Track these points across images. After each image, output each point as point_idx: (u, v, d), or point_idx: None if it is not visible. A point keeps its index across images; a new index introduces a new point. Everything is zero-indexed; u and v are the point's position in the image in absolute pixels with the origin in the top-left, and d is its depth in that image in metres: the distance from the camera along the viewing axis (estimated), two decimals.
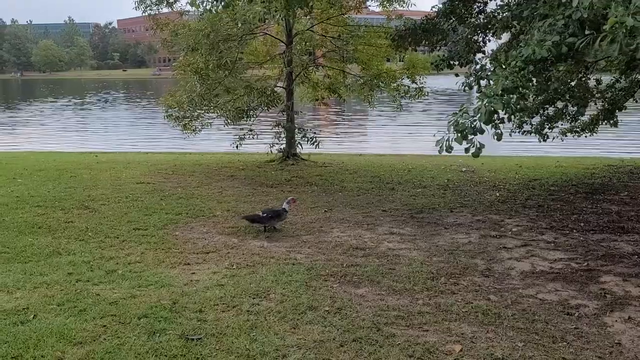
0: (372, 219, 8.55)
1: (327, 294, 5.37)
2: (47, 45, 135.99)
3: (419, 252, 6.90)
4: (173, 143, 20.58)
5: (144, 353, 3.91)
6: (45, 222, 8.12)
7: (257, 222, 7.83)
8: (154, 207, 9.18)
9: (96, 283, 5.57)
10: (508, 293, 5.53)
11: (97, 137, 27.29)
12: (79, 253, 6.66)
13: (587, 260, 6.53)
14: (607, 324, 4.82)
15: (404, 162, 14.56)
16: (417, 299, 5.33)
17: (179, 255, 6.67)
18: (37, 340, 4.07)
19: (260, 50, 14.98)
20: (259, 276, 5.86)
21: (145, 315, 4.66)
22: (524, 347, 4.26)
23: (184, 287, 5.50)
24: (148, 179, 11.83)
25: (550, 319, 4.86)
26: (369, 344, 4.25)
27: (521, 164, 14.18)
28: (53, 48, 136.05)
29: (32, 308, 4.77)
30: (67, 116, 39.69)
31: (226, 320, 4.63)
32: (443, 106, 35.83)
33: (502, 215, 8.76)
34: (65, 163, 14.38)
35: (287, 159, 13.95)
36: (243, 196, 10.17)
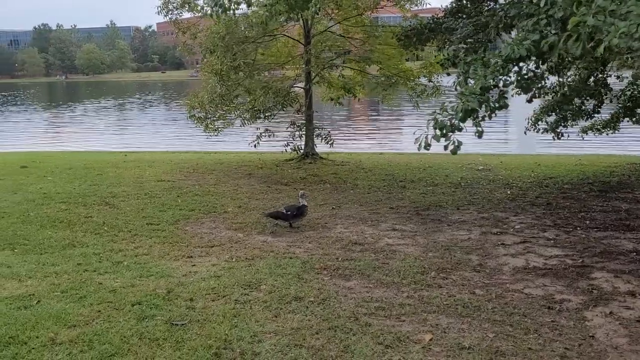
0: (377, 216, 8.72)
1: (315, 285, 5.59)
2: (90, 48, 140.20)
3: (415, 247, 7.05)
4: (203, 142, 21.06)
5: (129, 336, 4.22)
6: (66, 217, 8.57)
7: (281, 219, 8.08)
8: (170, 203, 9.57)
9: (101, 273, 5.93)
10: (495, 287, 5.64)
11: (131, 137, 28.14)
12: (91, 245, 7.07)
13: (582, 257, 6.56)
14: (587, 318, 4.89)
15: (421, 161, 14.62)
16: (402, 291, 5.50)
17: (184, 248, 6.99)
18: (35, 322, 4.44)
19: (282, 52, 15.25)
20: (254, 269, 6.12)
21: (139, 302, 4.98)
22: (494, 338, 4.39)
23: (181, 277, 5.81)
24: (169, 177, 12.27)
25: (529, 312, 4.96)
26: (343, 332, 4.45)
27: (540, 162, 14.07)
28: (96, 51, 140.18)
29: (38, 294, 5.15)
30: (106, 117, 41.04)
31: (213, 308, 4.91)
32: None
33: (508, 213, 8.79)
34: (94, 162, 15.00)
35: (305, 157, 14.22)
36: (256, 193, 10.48)
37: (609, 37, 3.56)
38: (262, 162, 14.58)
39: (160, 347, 4.06)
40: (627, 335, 4.52)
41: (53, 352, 3.95)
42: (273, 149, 15.65)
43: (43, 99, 69.04)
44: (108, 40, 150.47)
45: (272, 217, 8.16)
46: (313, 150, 14.46)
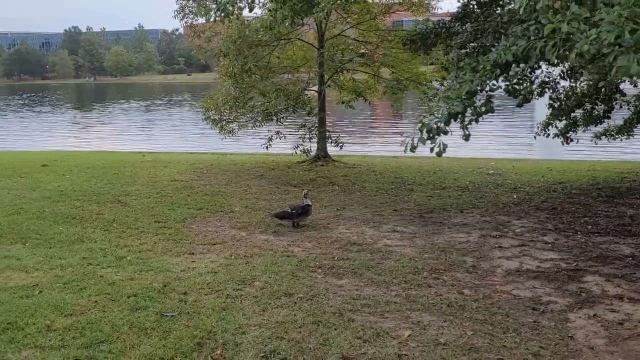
0: (380, 218, 8.84)
1: (307, 283, 5.75)
2: (118, 51, 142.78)
3: (413, 249, 7.16)
4: (222, 144, 21.27)
5: (120, 325, 4.44)
6: (79, 214, 8.89)
7: (287, 219, 8.28)
8: (179, 202, 9.83)
9: (104, 267, 6.19)
10: (484, 288, 5.73)
11: (153, 138, 28.73)
12: (99, 241, 7.34)
13: (577, 261, 6.59)
14: (570, 319, 4.95)
15: (434, 165, 14.67)
16: (391, 290, 5.62)
17: (187, 245, 7.22)
18: (34, 310, 4.69)
19: (298, 55, 15.46)
20: (251, 266, 6.31)
21: (135, 294, 5.21)
22: (472, 336, 4.49)
23: (180, 272, 6.03)
24: (182, 177, 12.57)
25: (512, 313, 5.04)
26: (325, 326, 4.61)
27: (553, 167, 14.00)
28: (123, 54, 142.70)
29: (41, 285, 5.42)
30: (130, 118, 41.88)
31: (204, 301, 5.11)
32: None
33: (510, 217, 8.83)
34: (113, 161, 15.41)
35: (317, 160, 14.40)
36: (265, 194, 10.69)
37: (580, 44, 3.65)
38: (275, 163, 14.81)
39: (147, 336, 4.27)
40: (606, 336, 4.58)
41: (47, 338, 4.19)
42: (287, 150, 15.86)
43: (71, 100, 70.64)
44: (136, 43, 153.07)
45: (277, 218, 8.35)
46: (325, 152, 14.63)
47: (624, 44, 3.42)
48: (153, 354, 3.96)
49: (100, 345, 4.07)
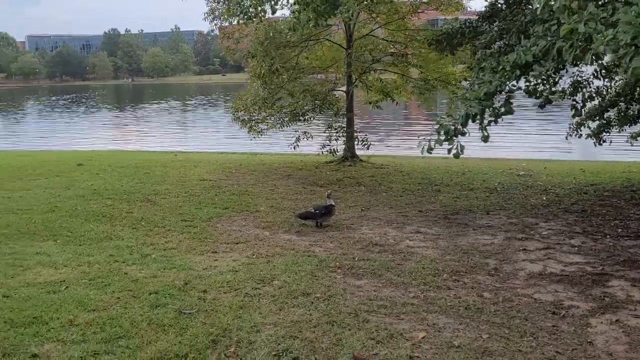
0: (404, 219, 8.81)
1: (326, 283, 5.79)
2: (155, 52, 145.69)
3: (435, 250, 7.12)
4: (253, 144, 21.40)
5: (139, 321, 4.57)
6: (109, 212, 9.13)
7: (310, 219, 8.35)
8: (207, 201, 10.00)
9: (129, 264, 6.36)
10: (504, 291, 5.66)
11: (186, 138, 29.22)
12: (126, 239, 7.54)
13: (603, 265, 6.45)
14: (591, 324, 4.86)
15: (463, 166, 14.49)
16: (409, 291, 5.61)
17: (210, 244, 7.35)
18: (59, 305, 4.87)
19: (327, 56, 15.49)
20: (271, 265, 6.38)
21: (156, 291, 5.34)
22: (487, 339, 4.46)
23: (201, 271, 6.15)
24: (211, 176, 12.76)
25: (531, 317, 4.97)
26: (340, 326, 4.64)
27: (586, 168, 13.67)
28: (160, 55, 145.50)
29: (68, 281, 5.61)
30: (165, 118, 42.67)
31: (223, 300, 5.20)
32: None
33: (538, 219, 8.68)
34: (145, 161, 15.76)
35: (345, 160, 14.42)
36: (291, 194, 10.76)
37: (595, 45, 3.58)
38: (303, 164, 14.89)
39: (164, 332, 4.38)
40: (627, 342, 4.48)
41: (69, 332, 4.34)
42: (317, 150, 15.90)
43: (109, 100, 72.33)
44: (172, 44, 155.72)
45: (301, 218, 8.42)
46: (353, 153, 14.64)
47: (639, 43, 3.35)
48: (168, 350, 4.06)
49: (118, 341, 4.20)
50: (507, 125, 27.34)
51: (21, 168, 14.29)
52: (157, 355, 3.97)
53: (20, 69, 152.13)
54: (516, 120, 30.16)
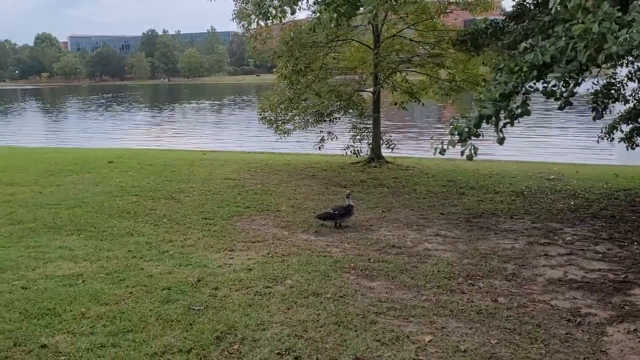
0: (425, 221, 8.71)
1: (338, 283, 5.77)
2: (191, 53, 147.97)
3: (453, 253, 7.01)
4: (282, 144, 21.45)
5: (148, 316, 4.64)
6: (134, 209, 9.30)
7: (329, 219, 8.36)
8: (229, 200, 10.08)
9: (147, 260, 6.46)
10: (520, 297, 5.54)
11: (217, 137, 29.53)
12: (147, 235, 7.66)
13: (627, 273, 6.25)
14: (607, 333, 4.71)
15: (491, 168, 14.27)
16: (422, 294, 5.54)
17: (228, 242, 7.41)
18: (73, 298, 4.98)
19: (355, 56, 15.44)
20: (286, 264, 6.39)
21: (169, 287, 5.42)
22: (496, 344, 4.37)
23: (216, 268, 6.20)
24: (236, 175, 12.87)
25: (545, 323, 4.85)
26: (346, 327, 4.61)
27: (621, 173, 13.28)
28: (196, 55, 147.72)
29: (85, 275, 5.74)
30: (198, 117, 43.28)
31: (233, 297, 5.23)
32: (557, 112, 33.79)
33: (563, 224, 8.47)
34: (174, 159, 16.00)
35: (371, 161, 14.35)
36: (313, 194, 10.77)
37: (608, 45, 3.47)
38: (329, 164, 14.89)
39: (171, 328, 4.44)
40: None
41: (80, 324, 4.44)
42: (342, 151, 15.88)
43: (146, 100, 73.71)
44: (208, 45, 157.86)
45: (320, 219, 8.42)
46: (379, 154, 14.56)
47: None
48: (173, 345, 4.11)
49: (126, 334, 4.27)
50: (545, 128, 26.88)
51: (55, 164, 14.68)
52: (161, 350, 4.02)
53: (61, 69, 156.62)
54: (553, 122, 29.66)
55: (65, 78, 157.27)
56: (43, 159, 16.04)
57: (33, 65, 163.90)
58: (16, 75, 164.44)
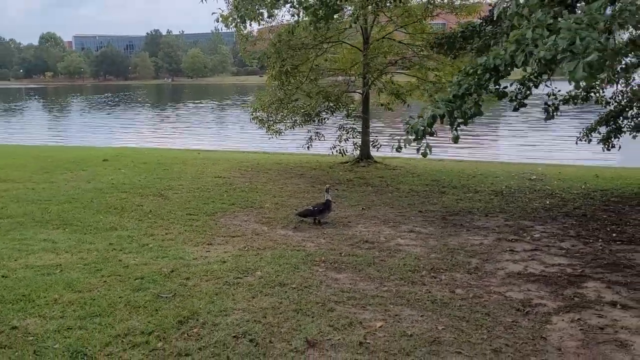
0: (402, 218, 8.99)
1: (305, 275, 6.05)
2: (195, 53, 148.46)
3: (422, 248, 7.29)
4: (280, 143, 21.52)
5: (117, 302, 4.93)
6: (121, 205, 9.60)
7: (309, 216, 8.65)
8: (215, 197, 10.38)
9: (126, 252, 6.75)
10: (477, 289, 5.81)
11: (215, 136, 29.85)
12: (130, 229, 7.96)
13: (585, 267, 6.51)
14: (552, 321, 4.98)
15: (476, 169, 14.53)
16: (384, 285, 5.82)
17: (208, 237, 7.69)
18: (48, 286, 5.28)
19: (347, 58, 15.71)
20: (259, 257, 6.68)
21: (142, 277, 5.71)
22: (442, 330, 4.64)
23: (191, 260, 6.49)
24: (226, 174, 13.17)
25: (494, 312, 5.12)
26: (304, 314, 4.89)
27: (602, 174, 13.53)
28: (200, 56, 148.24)
29: (64, 265, 6.04)
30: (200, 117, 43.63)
31: (202, 286, 5.52)
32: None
33: (535, 222, 8.74)
34: (168, 158, 16.31)
35: (360, 161, 14.63)
36: (298, 192, 11.05)
37: (538, 50, 3.74)
38: (319, 164, 15.17)
39: (137, 313, 4.73)
40: (581, 340, 4.59)
41: (51, 309, 4.74)
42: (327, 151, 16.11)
43: (147, 99, 74.11)
44: (212, 45, 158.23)
45: (300, 216, 8.70)
46: (368, 154, 14.83)
47: (575, 50, 3.49)
48: (136, 328, 4.40)
49: (94, 318, 4.56)
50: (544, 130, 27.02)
51: (51, 162, 15.00)
52: (124, 332, 4.31)
53: (66, 68, 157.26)
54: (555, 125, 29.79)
55: (69, 77, 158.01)
56: (41, 157, 16.37)
57: (37, 64, 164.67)
58: (20, 74, 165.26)
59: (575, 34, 3.50)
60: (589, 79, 3.40)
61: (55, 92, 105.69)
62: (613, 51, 3.42)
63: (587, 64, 3.37)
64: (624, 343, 4.51)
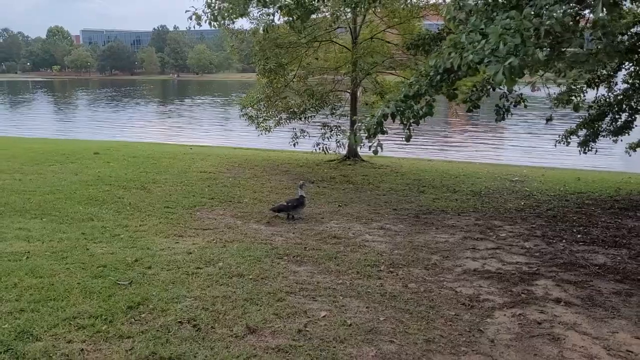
0: (375, 216, 9.16)
1: (266, 267, 6.23)
2: (201, 49, 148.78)
3: (387, 245, 7.46)
4: (279, 141, 21.46)
5: (73, 288, 5.13)
6: (103, 197, 9.80)
7: (283, 211, 8.84)
8: (196, 191, 10.57)
9: (96, 242, 6.95)
10: (430, 284, 5.98)
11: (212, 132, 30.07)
12: (106, 220, 8.16)
13: (541, 266, 6.67)
14: (493, 315, 5.14)
15: (462, 169, 14.69)
16: (340, 279, 5.99)
17: (180, 229, 7.89)
18: (11, 271, 5.47)
19: (340, 57, 15.87)
20: (225, 250, 6.86)
21: (105, 265, 5.90)
22: (383, 321, 4.82)
23: (158, 251, 6.68)
24: (212, 169, 13.37)
25: (439, 306, 5.30)
26: (253, 303, 5.08)
27: (584, 177, 13.66)
28: (206, 52, 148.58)
29: (32, 252, 6.24)
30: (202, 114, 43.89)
31: (161, 275, 5.71)
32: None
33: (505, 222, 8.90)
34: (158, 152, 16.52)
35: (346, 159, 14.80)
36: (279, 188, 11.25)
37: (467, 54, 3.91)
38: (306, 161, 15.37)
39: (91, 298, 4.92)
40: (516, 333, 4.76)
41: (9, 293, 4.93)
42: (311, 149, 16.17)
43: (153, 95, 74.45)
44: (218, 42, 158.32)
45: (275, 211, 8.89)
46: (355, 153, 15.00)
47: (499, 54, 3.65)
48: (86, 312, 4.59)
49: (48, 302, 4.76)
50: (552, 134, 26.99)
51: (43, 154, 15.23)
52: (74, 315, 4.50)
53: (73, 62, 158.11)
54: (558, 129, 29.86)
55: (76, 71, 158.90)
56: (33, 149, 16.61)
57: (45, 57, 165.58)
58: (28, 68, 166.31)
59: (500, 39, 3.67)
60: (509, 83, 3.56)
61: (62, 85, 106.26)
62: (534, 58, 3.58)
63: (507, 68, 3.54)
64: (556, 337, 4.68)
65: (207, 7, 7.92)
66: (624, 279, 6.22)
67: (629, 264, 6.80)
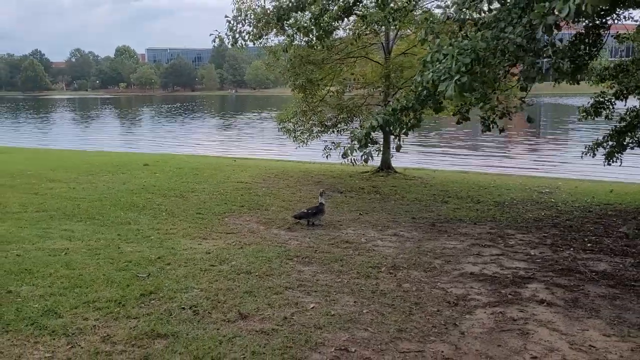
0: (392, 224, 9.59)
1: (274, 267, 6.80)
2: (258, 65, 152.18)
3: (395, 250, 7.89)
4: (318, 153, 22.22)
5: (97, 278, 5.89)
6: (143, 204, 10.69)
7: (303, 218, 9.46)
8: (229, 199, 11.32)
9: (128, 242, 7.75)
10: (424, 284, 6.37)
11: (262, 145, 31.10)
12: (141, 224, 8.99)
13: (538, 271, 6.92)
14: (474, 313, 5.50)
15: (494, 181, 14.83)
16: (341, 277, 6.49)
17: (206, 232, 8.60)
18: (49, 264, 6.31)
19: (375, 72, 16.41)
20: (241, 251, 7.50)
21: (130, 261, 6.66)
22: (365, 313, 5.29)
23: (180, 251, 7.39)
24: (249, 179, 14.14)
25: (425, 303, 5.70)
26: (251, 295, 5.66)
27: (618, 189, 13.54)
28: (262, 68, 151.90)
29: (70, 250, 7.09)
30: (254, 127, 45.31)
31: (177, 271, 6.40)
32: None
33: (518, 231, 9.12)
34: (203, 164, 17.51)
35: (379, 171, 15.26)
36: (308, 197, 11.83)
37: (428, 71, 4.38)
38: (340, 172, 15.91)
39: (111, 287, 5.66)
40: (489, 327, 5.11)
41: (44, 281, 5.74)
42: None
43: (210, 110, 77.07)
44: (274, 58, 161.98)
45: (296, 218, 9.49)
46: (388, 164, 15.43)
47: (452, 73, 4.09)
48: (104, 297, 5.32)
49: (75, 289, 5.52)
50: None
51: (98, 165, 16.49)
52: (94, 299, 5.24)
53: (138, 79, 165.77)
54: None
55: (141, 88, 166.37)
56: (90, 161, 17.96)
57: (113, 75, 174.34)
58: (97, 85, 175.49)
59: (453, 60, 4.11)
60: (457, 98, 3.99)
61: (127, 101, 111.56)
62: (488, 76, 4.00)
63: (457, 85, 3.97)
64: (526, 332, 5.01)
65: (229, 30, 8.69)
66: (616, 285, 6.41)
67: (629, 271, 6.95)
